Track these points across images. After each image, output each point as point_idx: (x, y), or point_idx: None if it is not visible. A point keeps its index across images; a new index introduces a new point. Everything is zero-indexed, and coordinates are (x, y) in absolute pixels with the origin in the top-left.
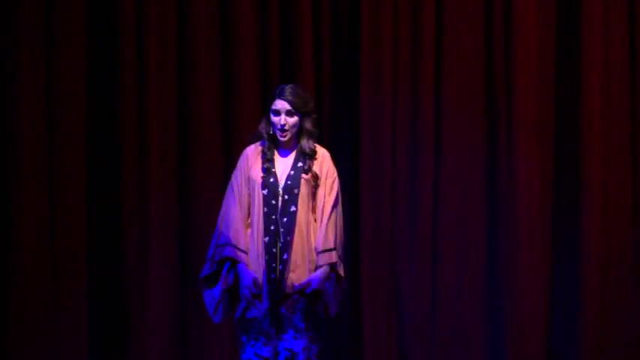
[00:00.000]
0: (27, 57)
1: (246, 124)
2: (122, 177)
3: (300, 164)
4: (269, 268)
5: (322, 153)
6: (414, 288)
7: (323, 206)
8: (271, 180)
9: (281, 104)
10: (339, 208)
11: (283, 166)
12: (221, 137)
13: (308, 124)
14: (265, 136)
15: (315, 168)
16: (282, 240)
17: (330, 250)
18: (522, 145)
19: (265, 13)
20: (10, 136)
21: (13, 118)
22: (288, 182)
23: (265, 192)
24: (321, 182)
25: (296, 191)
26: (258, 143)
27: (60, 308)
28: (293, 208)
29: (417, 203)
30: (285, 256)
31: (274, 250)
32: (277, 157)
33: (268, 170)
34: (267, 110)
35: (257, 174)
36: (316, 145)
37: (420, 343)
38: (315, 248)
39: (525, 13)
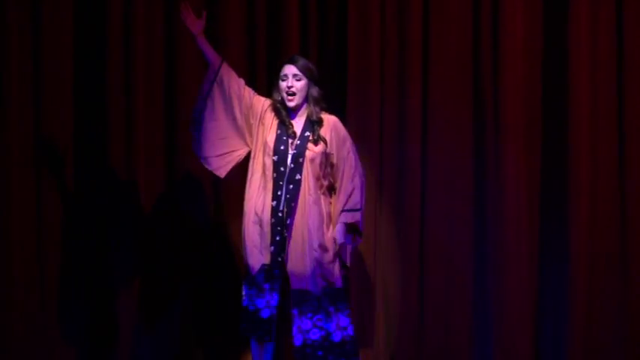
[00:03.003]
0: (15, 63)
1: None
2: (109, 175)
3: (307, 133)
4: (274, 231)
5: (330, 119)
6: (402, 292)
7: (343, 169)
8: (282, 147)
9: (288, 69)
10: (360, 168)
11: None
12: None
13: (314, 91)
14: (278, 104)
15: (324, 134)
16: (287, 206)
17: (356, 210)
18: (510, 147)
19: (252, 10)
20: None
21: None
22: (295, 151)
23: (275, 158)
24: (335, 148)
25: (301, 160)
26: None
27: (47, 314)
28: (298, 176)
29: (404, 206)
30: (288, 221)
31: (280, 214)
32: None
33: (279, 137)
34: (276, 79)
35: (270, 139)
36: (324, 112)
37: (408, 346)
38: (342, 205)
39: (513, 16)
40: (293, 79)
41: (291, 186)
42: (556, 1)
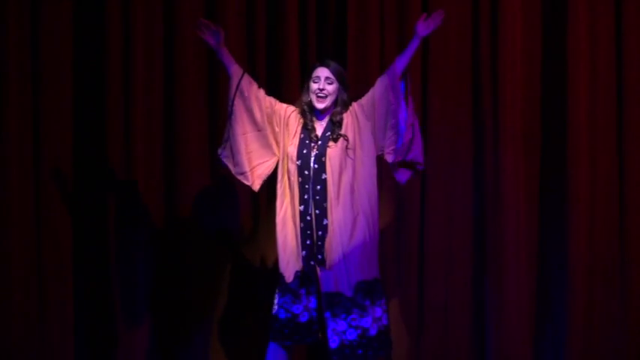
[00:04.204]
0: (14, 64)
1: None
2: (109, 175)
3: (327, 133)
4: (304, 235)
5: (346, 115)
6: (402, 292)
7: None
8: (304, 151)
9: (321, 71)
10: None
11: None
12: (207, 145)
13: (344, 95)
14: (305, 107)
15: (345, 127)
16: (318, 207)
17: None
18: (509, 150)
19: (252, 11)
20: None
21: None
22: (317, 152)
23: (299, 163)
24: (361, 114)
25: (323, 159)
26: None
27: (47, 315)
28: (324, 176)
29: (403, 215)
30: (325, 222)
31: (308, 217)
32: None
33: (302, 142)
34: (306, 81)
35: (294, 145)
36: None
37: (408, 346)
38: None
39: (512, 20)
40: (325, 82)
41: (319, 187)
42: (555, 5)
